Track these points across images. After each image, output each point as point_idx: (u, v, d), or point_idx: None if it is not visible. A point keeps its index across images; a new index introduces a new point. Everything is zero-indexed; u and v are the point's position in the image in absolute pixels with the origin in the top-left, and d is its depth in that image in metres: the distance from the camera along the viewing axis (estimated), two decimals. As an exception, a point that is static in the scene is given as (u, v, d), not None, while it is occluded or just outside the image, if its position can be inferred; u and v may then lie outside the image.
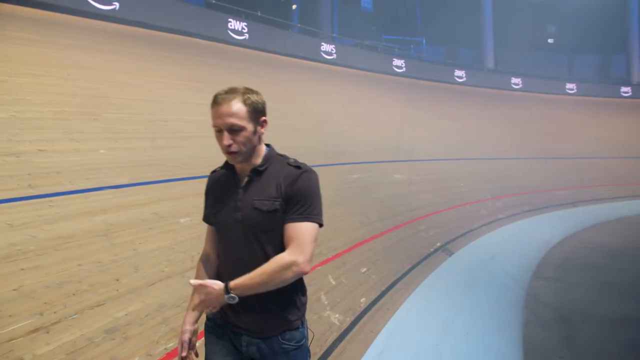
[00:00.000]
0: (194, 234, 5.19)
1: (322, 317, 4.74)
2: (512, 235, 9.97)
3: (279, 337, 1.93)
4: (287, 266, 1.77)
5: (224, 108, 1.80)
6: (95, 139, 6.17)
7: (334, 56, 18.06)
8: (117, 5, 11.14)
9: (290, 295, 1.94)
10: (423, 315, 5.29)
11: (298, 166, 1.91)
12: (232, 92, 1.83)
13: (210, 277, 2.02)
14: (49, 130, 5.78)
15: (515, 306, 5.73)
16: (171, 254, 4.76)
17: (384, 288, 5.89)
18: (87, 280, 3.97)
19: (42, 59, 7.50)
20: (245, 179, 1.92)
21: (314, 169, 1.96)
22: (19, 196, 4.69)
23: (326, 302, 5.05)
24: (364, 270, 6.20)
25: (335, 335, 4.51)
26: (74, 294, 3.75)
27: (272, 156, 1.94)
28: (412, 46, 25.16)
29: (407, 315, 5.24)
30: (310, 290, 5.12)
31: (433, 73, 21.92)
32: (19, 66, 6.93)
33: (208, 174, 2.15)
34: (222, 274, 1.99)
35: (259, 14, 16.31)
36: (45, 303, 3.55)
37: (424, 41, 26.02)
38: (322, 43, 18.03)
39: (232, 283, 1.79)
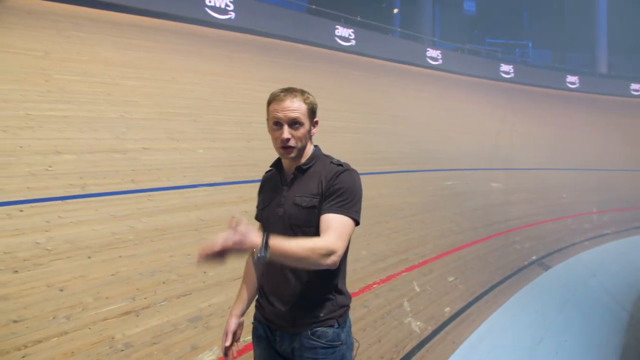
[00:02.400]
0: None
1: (402, 324, 4.65)
2: (618, 252, 9.16)
3: (308, 332, 1.91)
4: (324, 250, 1.70)
5: (287, 103, 1.87)
6: (194, 139, 6.53)
7: (440, 61, 17.76)
8: (232, 15, 11.89)
9: (320, 291, 1.93)
10: (510, 330, 5.02)
11: (340, 164, 1.94)
12: (292, 90, 1.92)
13: (257, 273, 2.10)
14: (152, 130, 6.21)
15: (614, 329, 5.27)
16: (257, 251, 4.90)
17: (471, 299, 5.66)
18: (176, 271, 4.21)
19: (151, 64, 8.06)
20: (291, 177, 1.97)
21: (409, 174, 1.95)
22: (123, 190, 5.08)
23: (408, 309, 4.95)
24: (451, 279, 6.00)
25: (414, 342, 4.41)
26: (163, 283, 3.98)
27: (317, 156, 1.99)
28: (517, 50, 24.07)
29: (493, 329, 5.00)
30: (392, 296, 5.11)
31: (543, 79, 20.78)
32: (131, 70, 7.51)
33: None
34: (264, 271, 2.03)
35: (358, 19, 16.40)
36: (137, 289, 3.81)
37: (530, 44, 24.79)
38: (428, 49, 17.80)
39: (271, 237, 1.66)
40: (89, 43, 7.83)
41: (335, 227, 1.79)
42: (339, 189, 1.85)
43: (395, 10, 23.93)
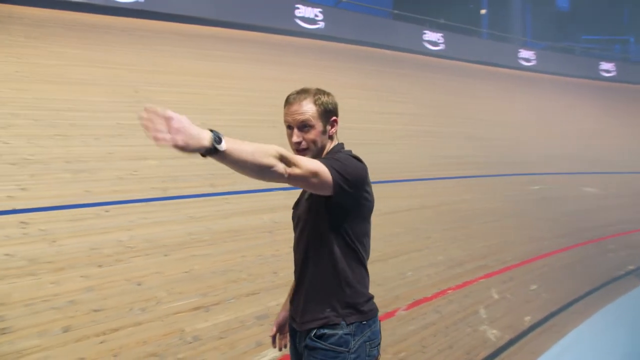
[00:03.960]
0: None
1: (476, 331, 4.48)
2: None
3: (317, 332, 1.80)
4: (283, 158, 1.54)
5: (295, 107, 1.84)
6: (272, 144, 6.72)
7: (534, 62, 17.04)
8: (322, 24, 12.22)
9: (329, 285, 1.82)
10: (597, 344, 4.67)
11: (348, 154, 1.86)
12: (303, 92, 1.88)
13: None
14: (232, 137, 6.45)
15: None
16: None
17: (554, 309, 5.33)
18: (247, 271, 4.33)
19: (235, 73, 8.42)
20: None
21: (490, 178, 1.89)
22: (202, 193, 5.33)
23: (484, 316, 4.76)
24: (533, 287, 5.69)
25: (488, 351, 4.22)
26: (234, 281, 4.12)
27: (335, 151, 1.89)
28: (616, 46, 22.48)
29: (578, 342, 4.67)
30: (467, 303, 4.94)
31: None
32: (214, 80, 7.89)
33: (378, 179, 2.22)
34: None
35: (442, 22, 16.13)
36: (209, 286, 3.97)
37: (632, 40, 23.06)
38: (521, 49, 17.15)
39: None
40: (175, 56, 8.31)
41: (305, 158, 1.68)
42: (331, 159, 1.77)
43: (483, 11, 23.22)
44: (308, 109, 1.84)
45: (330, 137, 1.92)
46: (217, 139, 1.38)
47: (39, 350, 2.92)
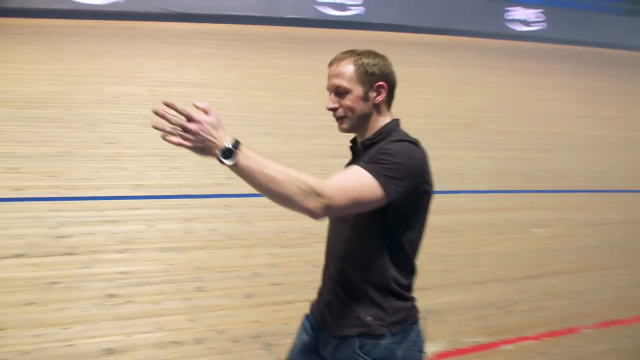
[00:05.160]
0: (544, 245, 4.97)
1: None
2: None
3: (357, 341, 1.55)
4: (307, 186, 1.28)
5: (332, 68, 1.59)
6: (463, 147, 6.63)
7: None
8: (543, 25, 11.70)
9: (374, 288, 1.55)
10: None
11: (403, 140, 1.53)
12: (346, 53, 1.60)
13: None
14: (424, 140, 6.56)
15: None
16: (509, 260, 4.69)
17: None
18: (422, 267, 4.36)
19: (432, 78, 8.49)
20: (358, 154, 1.66)
21: None
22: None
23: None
24: None
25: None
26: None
27: (387, 131, 1.58)
28: None
29: None
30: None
31: None
32: (413, 84, 8.07)
33: (582, 188, 2.10)
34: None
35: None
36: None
37: None
38: None
39: (246, 147, 1.28)
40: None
41: (343, 175, 1.42)
42: (379, 152, 1.46)
43: None
44: (345, 70, 1.55)
45: (377, 108, 1.59)
46: (226, 152, 1.24)
47: (224, 309, 3.38)
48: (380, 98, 1.59)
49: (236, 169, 1.27)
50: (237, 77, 8.05)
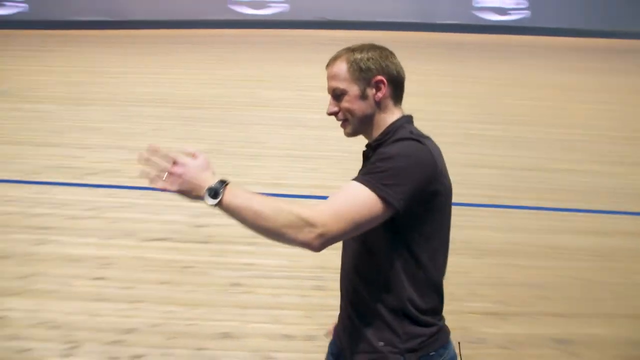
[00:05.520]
0: None
1: None
2: None
3: None
4: (296, 218, 1.18)
5: (328, 70, 1.46)
6: (626, 163, 5.93)
7: None
8: None
9: (385, 311, 1.37)
10: None
11: (406, 138, 1.35)
12: (342, 51, 1.46)
13: None
14: (573, 152, 6.01)
15: None
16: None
17: None
18: (559, 291, 3.93)
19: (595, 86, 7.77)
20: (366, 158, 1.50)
21: None
22: (531, 205, 5.12)
23: None
24: None
25: None
26: (541, 297, 3.82)
27: (394, 129, 1.41)
28: None
29: None
30: None
31: None
32: (575, 93, 7.43)
33: None
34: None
35: None
36: (512, 296, 3.81)
37: None
38: None
39: (235, 185, 1.26)
40: (537, 69, 8.18)
41: (337, 195, 1.27)
42: (376, 159, 1.32)
43: None
44: (339, 70, 1.42)
45: (380, 105, 1.43)
46: (212, 192, 1.22)
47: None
48: (380, 94, 1.42)
49: (222, 207, 1.23)
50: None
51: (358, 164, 1.47)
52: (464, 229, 4.63)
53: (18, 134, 6.06)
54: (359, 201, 1.23)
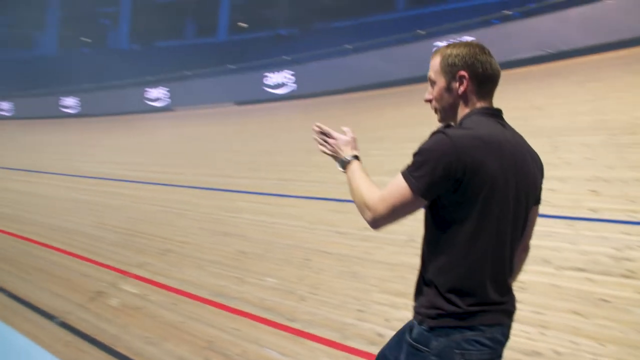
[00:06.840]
0: None
1: None
2: None
3: (412, 321, 1.65)
4: (363, 204, 1.56)
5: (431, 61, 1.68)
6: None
7: None
8: None
9: (425, 274, 1.61)
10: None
11: (436, 132, 1.54)
12: (442, 46, 1.65)
13: None
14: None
15: None
16: None
17: None
18: None
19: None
20: None
21: None
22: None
23: None
24: None
25: None
26: None
27: (461, 121, 1.61)
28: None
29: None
30: None
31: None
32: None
33: None
34: None
35: None
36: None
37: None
38: None
39: (358, 164, 1.75)
40: None
41: (388, 186, 1.54)
42: (414, 152, 1.54)
43: None
44: (434, 62, 1.65)
45: (463, 98, 1.61)
46: (342, 162, 1.76)
47: None
48: (463, 88, 1.60)
49: (346, 175, 1.73)
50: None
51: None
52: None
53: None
54: (396, 189, 1.51)
